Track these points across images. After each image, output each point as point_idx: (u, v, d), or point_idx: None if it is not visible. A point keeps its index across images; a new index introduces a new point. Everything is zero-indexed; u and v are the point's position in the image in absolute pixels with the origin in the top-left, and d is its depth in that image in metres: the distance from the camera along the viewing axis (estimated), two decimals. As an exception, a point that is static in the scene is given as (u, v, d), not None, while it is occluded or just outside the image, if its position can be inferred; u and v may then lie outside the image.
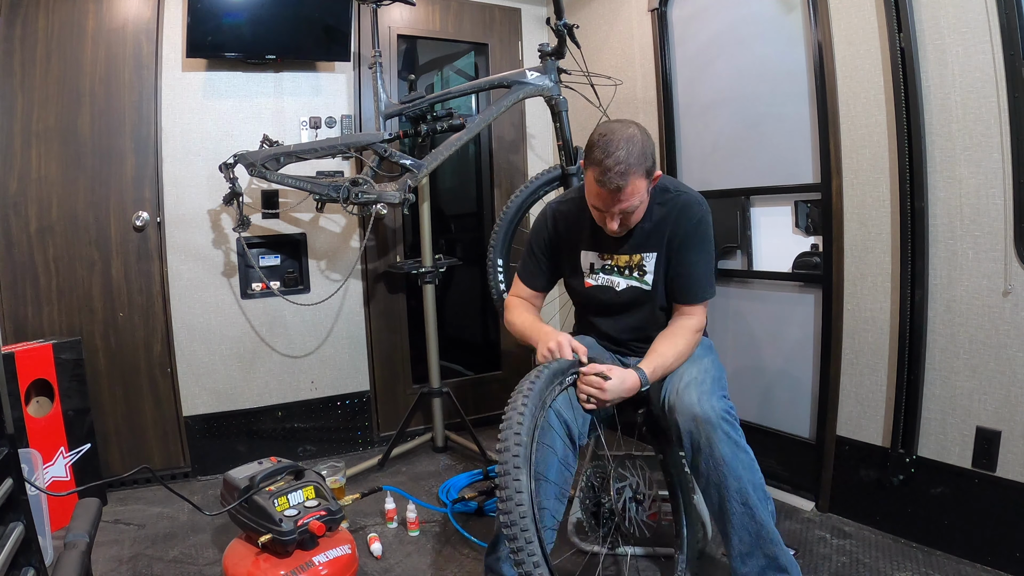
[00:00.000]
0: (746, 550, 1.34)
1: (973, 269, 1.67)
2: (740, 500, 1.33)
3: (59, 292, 2.32)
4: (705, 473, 1.37)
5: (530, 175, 2.85)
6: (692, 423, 1.36)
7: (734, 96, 2.30)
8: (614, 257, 1.61)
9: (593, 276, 1.64)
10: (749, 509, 1.33)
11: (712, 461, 1.34)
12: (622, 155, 1.36)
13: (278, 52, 2.50)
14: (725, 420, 1.35)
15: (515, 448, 1.15)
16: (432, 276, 2.54)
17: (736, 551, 1.36)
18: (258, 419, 2.63)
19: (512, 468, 1.13)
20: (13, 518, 0.98)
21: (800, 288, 2.14)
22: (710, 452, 1.34)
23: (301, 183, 2.27)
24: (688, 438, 1.37)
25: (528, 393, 1.24)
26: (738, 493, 1.33)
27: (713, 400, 1.37)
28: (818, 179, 2.02)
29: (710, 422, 1.34)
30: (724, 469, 1.33)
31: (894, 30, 1.74)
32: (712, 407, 1.35)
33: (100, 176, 2.36)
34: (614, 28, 2.75)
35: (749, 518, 1.33)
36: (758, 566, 1.34)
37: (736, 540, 1.35)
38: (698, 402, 1.37)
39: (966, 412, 1.70)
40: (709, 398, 1.37)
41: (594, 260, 1.64)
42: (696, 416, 1.35)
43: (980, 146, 1.62)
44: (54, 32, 2.27)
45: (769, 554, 1.33)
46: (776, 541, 1.34)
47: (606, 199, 1.42)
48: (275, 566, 1.56)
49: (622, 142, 1.37)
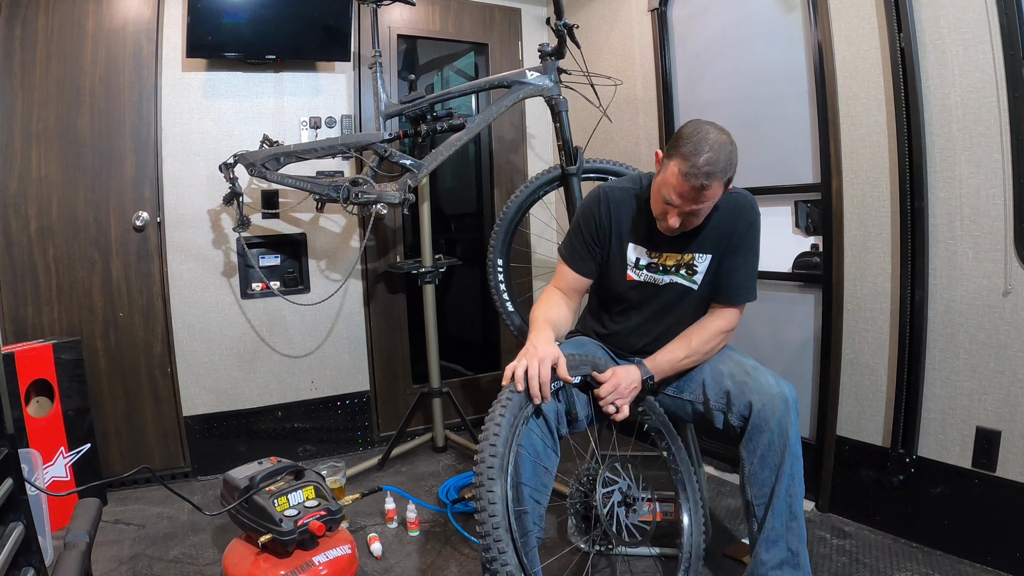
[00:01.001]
0: (775, 537, 1.37)
1: (973, 269, 1.67)
2: (787, 487, 1.38)
3: (59, 292, 2.32)
4: (764, 453, 1.39)
5: (530, 175, 2.86)
6: (771, 400, 1.39)
7: (734, 96, 2.30)
8: (662, 255, 1.57)
9: (637, 271, 1.60)
10: (791, 498, 1.38)
11: (780, 441, 1.38)
12: (714, 156, 1.33)
13: (278, 52, 2.50)
14: (796, 407, 1.41)
15: (490, 460, 1.17)
16: (432, 276, 2.54)
17: (765, 536, 1.38)
18: (258, 419, 2.63)
19: (487, 480, 1.15)
20: (13, 518, 0.98)
21: (800, 288, 2.14)
22: (780, 432, 1.37)
23: (301, 183, 2.27)
24: (759, 416, 1.39)
25: (506, 403, 1.25)
26: (789, 479, 1.38)
27: (786, 386, 1.42)
28: (818, 179, 2.02)
29: (787, 402, 1.39)
30: (788, 452, 1.37)
31: (894, 30, 1.74)
32: (790, 390, 1.41)
33: (100, 176, 2.36)
34: (614, 28, 2.75)
35: (788, 507, 1.38)
36: (779, 557, 1.37)
37: (769, 526, 1.38)
38: (776, 384, 1.41)
39: (966, 412, 1.70)
40: (784, 384, 1.42)
41: (641, 255, 1.59)
42: (776, 395, 1.39)
43: (980, 146, 1.62)
44: (54, 32, 2.27)
45: (793, 548, 1.37)
46: (803, 538, 1.38)
47: (684, 195, 1.37)
48: (275, 566, 1.56)
49: (716, 144, 1.35)
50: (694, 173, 1.33)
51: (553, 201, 2.89)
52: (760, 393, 1.41)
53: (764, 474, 1.40)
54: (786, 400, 1.39)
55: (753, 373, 1.45)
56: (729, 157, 1.37)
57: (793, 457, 1.39)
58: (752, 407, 1.41)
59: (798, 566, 1.37)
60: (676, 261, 1.56)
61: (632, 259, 1.59)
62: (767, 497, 1.39)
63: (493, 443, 1.18)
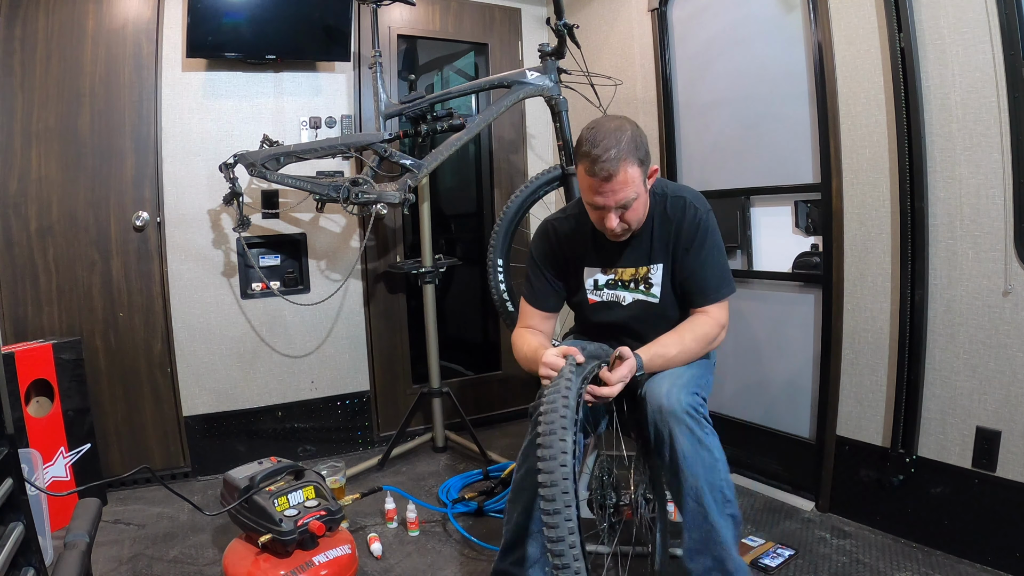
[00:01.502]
0: (695, 547, 1.33)
1: (973, 269, 1.67)
2: (693, 497, 1.32)
3: (59, 292, 2.32)
4: (667, 466, 1.36)
5: (530, 175, 2.86)
6: (658, 413, 1.34)
7: (734, 96, 2.30)
8: (618, 271, 1.55)
9: (598, 292, 1.58)
10: (702, 508, 1.31)
11: (671, 453, 1.33)
12: (611, 142, 1.33)
13: (278, 52, 2.50)
14: (690, 415, 1.32)
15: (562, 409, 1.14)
16: (432, 276, 2.54)
17: (686, 546, 1.35)
18: (258, 419, 2.63)
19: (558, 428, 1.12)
20: (13, 518, 0.98)
21: (800, 288, 2.14)
22: (670, 444, 1.33)
23: (301, 183, 2.27)
24: (652, 428, 1.36)
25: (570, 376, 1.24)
26: (693, 490, 1.31)
27: (681, 394, 1.34)
28: (818, 179, 2.02)
29: (673, 414, 1.32)
30: (681, 463, 1.31)
31: (894, 30, 1.74)
32: (678, 400, 1.33)
33: (100, 176, 2.36)
34: (614, 28, 2.75)
35: (701, 517, 1.31)
36: (704, 566, 1.33)
37: (686, 535, 1.34)
38: (666, 394, 1.35)
39: (966, 412, 1.70)
40: (679, 392, 1.35)
41: (598, 276, 1.58)
42: (661, 406, 1.33)
43: (980, 146, 1.62)
44: (54, 32, 2.27)
45: (717, 556, 1.32)
46: (727, 545, 1.31)
47: (602, 190, 1.36)
48: (275, 566, 1.56)
49: (610, 132, 1.34)
50: (600, 166, 1.33)
51: (553, 201, 2.89)
52: (651, 404, 1.36)
53: (672, 486, 1.37)
54: (672, 411, 1.33)
55: (655, 382, 1.40)
56: (631, 138, 1.35)
57: (691, 466, 1.31)
58: (648, 419, 1.37)
59: (726, 572, 1.31)
60: (632, 275, 1.54)
61: (590, 283, 1.59)
62: (679, 509, 1.36)
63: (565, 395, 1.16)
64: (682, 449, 1.31)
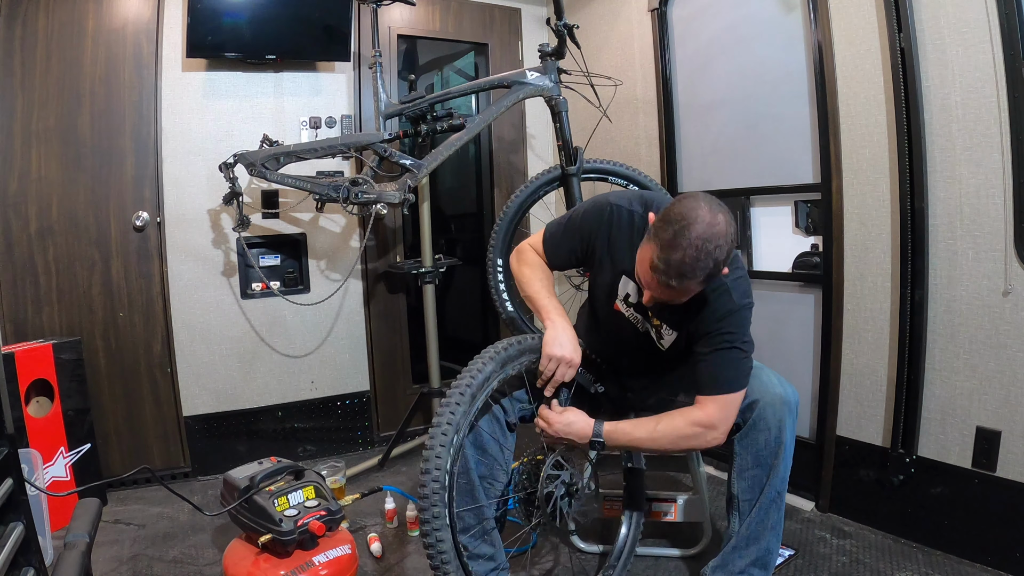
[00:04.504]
0: (756, 535, 1.40)
1: (973, 269, 1.67)
2: (778, 488, 1.40)
3: (59, 292, 2.32)
4: (759, 451, 1.40)
5: (530, 175, 2.85)
6: (774, 400, 1.39)
7: (734, 96, 2.30)
8: (647, 307, 1.45)
9: (625, 306, 1.51)
10: (779, 499, 1.41)
11: (777, 442, 1.38)
12: (691, 256, 1.17)
13: (278, 52, 2.50)
14: (796, 410, 1.42)
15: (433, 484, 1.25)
16: (432, 276, 2.54)
17: (748, 532, 1.41)
18: (258, 419, 2.63)
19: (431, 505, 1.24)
20: (13, 518, 0.98)
21: (800, 288, 2.14)
22: (779, 433, 1.38)
23: (301, 183, 2.27)
24: (760, 414, 1.39)
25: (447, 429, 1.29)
26: (781, 481, 1.40)
27: (789, 387, 1.43)
28: (818, 179, 2.02)
29: (789, 405, 1.39)
30: (783, 453, 1.39)
31: (894, 30, 1.74)
32: (793, 392, 1.42)
33: (100, 176, 2.36)
34: (614, 28, 2.75)
35: (776, 507, 1.40)
36: (755, 554, 1.40)
37: (753, 522, 1.40)
38: (780, 384, 1.42)
39: (966, 412, 1.70)
40: (787, 385, 1.43)
41: (631, 292, 1.48)
42: (779, 396, 1.39)
43: (980, 146, 1.62)
44: (54, 32, 2.27)
45: (770, 548, 1.41)
46: (779, 540, 1.42)
47: (653, 287, 1.26)
48: (275, 566, 1.56)
49: (698, 240, 1.16)
50: (664, 270, 1.20)
51: (553, 201, 2.89)
52: (763, 392, 1.41)
53: (756, 471, 1.41)
54: (788, 402, 1.40)
55: (757, 372, 1.44)
56: (712, 255, 1.18)
57: (787, 459, 1.40)
58: (754, 405, 1.40)
59: (766, 566, 1.41)
60: (652, 318, 1.48)
61: (622, 292, 1.50)
62: (756, 494, 1.41)
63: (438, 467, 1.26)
64: (787, 440, 1.39)
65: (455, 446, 1.28)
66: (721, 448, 1.40)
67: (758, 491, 1.41)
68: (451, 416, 1.29)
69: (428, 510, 1.24)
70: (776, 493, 1.40)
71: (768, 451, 1.39)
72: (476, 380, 1.35)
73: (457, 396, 1.32)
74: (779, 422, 1.38)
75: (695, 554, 1.78)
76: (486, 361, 1.38)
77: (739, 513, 1.43)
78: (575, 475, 1.47)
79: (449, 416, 1.29)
